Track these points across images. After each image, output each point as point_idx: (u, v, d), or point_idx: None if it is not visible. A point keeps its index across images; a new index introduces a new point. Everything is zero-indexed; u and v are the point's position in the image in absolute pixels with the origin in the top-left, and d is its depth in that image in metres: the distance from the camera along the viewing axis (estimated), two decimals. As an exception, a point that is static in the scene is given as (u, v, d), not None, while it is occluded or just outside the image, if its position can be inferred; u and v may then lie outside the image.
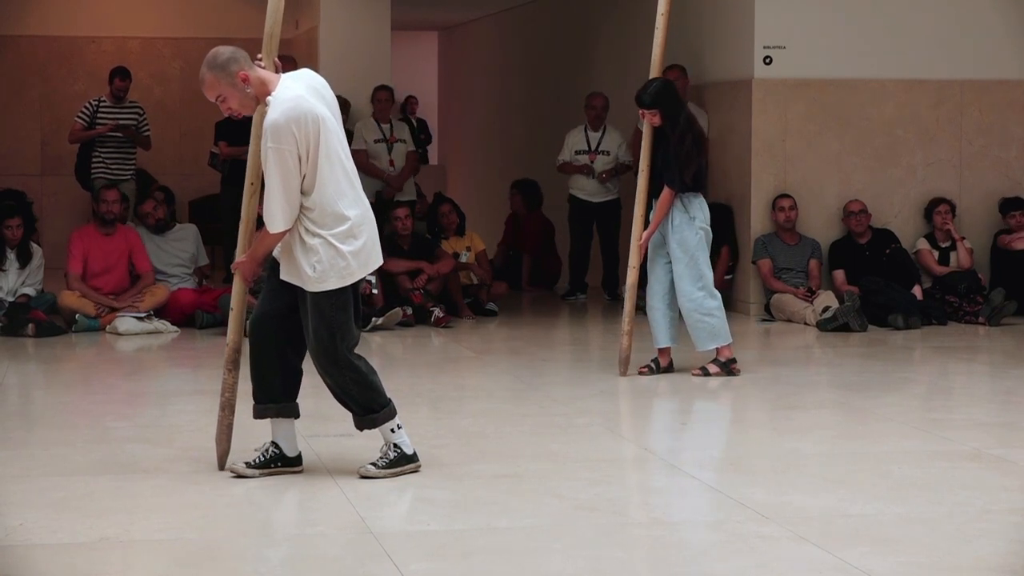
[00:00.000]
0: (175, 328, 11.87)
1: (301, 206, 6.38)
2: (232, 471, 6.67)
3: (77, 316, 11.82)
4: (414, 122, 24.24)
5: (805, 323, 12.11)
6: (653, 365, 9.66)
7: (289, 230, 6.40)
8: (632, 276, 9.60)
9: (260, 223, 6.56)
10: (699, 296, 9.45)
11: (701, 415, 8.51)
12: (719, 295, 9.61)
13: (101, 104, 14.22)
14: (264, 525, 6.09)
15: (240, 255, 6.71)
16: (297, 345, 6.65)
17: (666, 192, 9.38)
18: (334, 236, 6.40)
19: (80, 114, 14.25)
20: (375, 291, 12.15)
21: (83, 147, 14.34)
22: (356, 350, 6.61)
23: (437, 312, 12.19)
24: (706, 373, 9.54)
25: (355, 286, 6.53)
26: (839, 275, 12.59)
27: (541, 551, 5.56)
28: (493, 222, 16.41)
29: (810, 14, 12.82)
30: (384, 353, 11.01)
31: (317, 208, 6.38)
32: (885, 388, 9.44)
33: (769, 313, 12.57)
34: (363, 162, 13.72)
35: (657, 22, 9.47)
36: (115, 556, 5.56)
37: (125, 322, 11.72)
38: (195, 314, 11.97)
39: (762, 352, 11.30)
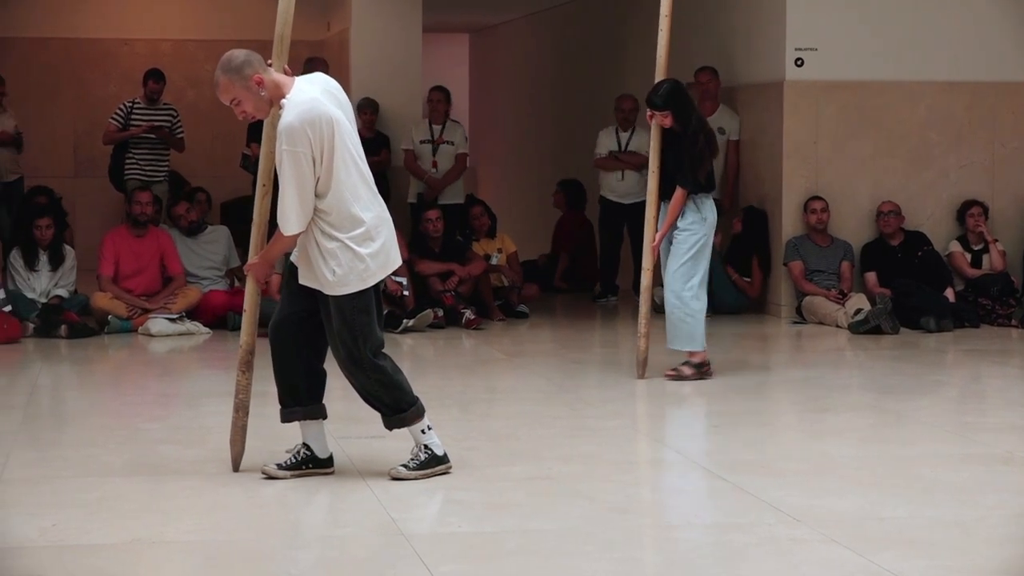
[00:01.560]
0: (207, 330, 11.90)
1: (317, 209, 6.38)
2: (264, 473, 6.69)
3: (109, 317, 11.86)
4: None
5: (837, 325, 12.07)
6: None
7: (303, 233, 6.41)
8: (646, 278, 9.58)
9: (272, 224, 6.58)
10: (686, 296, 9.42)
11: (732, 417, 8.49)
12: (705, 299, 9.55)
13: (135, 106, 14.27)
14: (295, 526, 6.10)
15: (253, 257, 6.74)
16: (317, 347, 6.66)
17: (679, 193, 9.36)
18: (351, 239, 6.41)
19: (114, 116, 14.31)
20: (406, 293, 12.16)
21: (117, 149, 14.39)
22: (385, 351, 6.62)
23: (468, 314, 12.19)
24: (680, 376, 9.49)
25: (376, 287, 6.53)
26: (871, 277, 12.55)
27: (572, 553, 5.56)
28: (524, 224, 16.43)
29: (842, 16, 12.78)
30: (415, 355, 11.02)
31: (333, 211, 6.38)
32: (917, 391, 9.40)
33: (801, 315, 12.54)
34: (409, 162, 13.74)
35: (660, 24, 9.46)
36: (147, 557, 5.58)
37: (157, 324, 11.75)
38: (227, 316, 11.99)
39: (793, 354, 11.28)
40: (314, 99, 6.36)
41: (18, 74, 16.83)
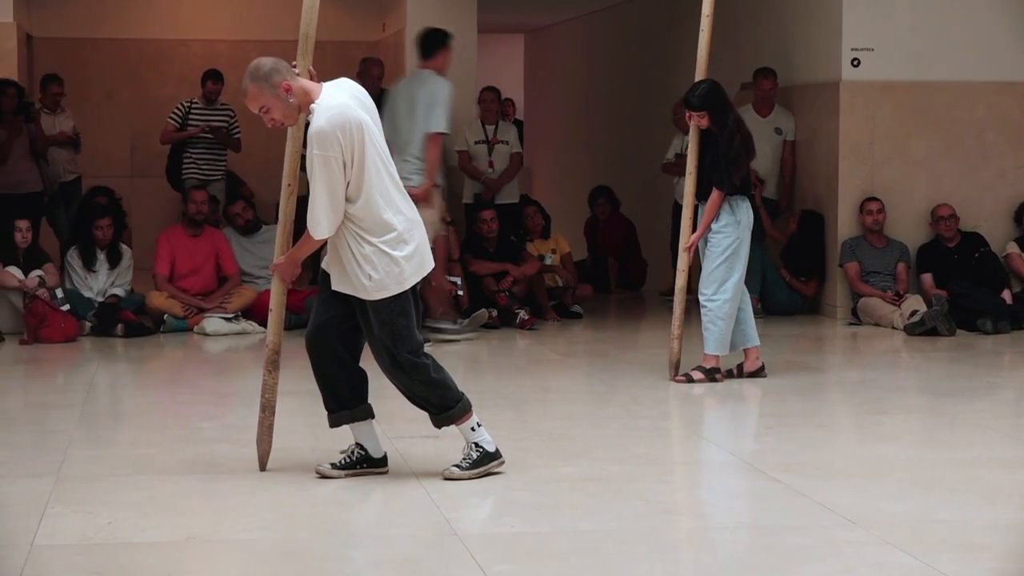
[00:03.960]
0: (262, 329, 11.88)
1: (349, 214, 6.40)
2: (318, 472, 6.71)
3: (165, 317, 11.92)
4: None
5: (892, 327, 12.01)
6: (735, 370, 9.61)
7: (335, 240, 6.44)
8: (681, 280, 9.56)
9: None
10: (720, 300, 9.38)
11: (786, 419, 8.46)
12: (739, 303, 9.48)
13: (193, 106, 14.31)
14: (348, 525, 6.12)
15: (279, 256, 6.78)
16: (352, 348, 6.69)
17: (715, 194, 9.33)
18: (385, 243, 6.43)
19: (172, 115, 14.35)
20: (461, 293, 12.18)
21: (174, 148, 14.44)
22: (428, 351, 6.65)
23: (522, 314, 12.19)
24: (690, 380, 9.45)
25: (413, 290, 6.55)
26: (927, 279, 12.48)
27: (625, 554, 5.55)
28: (579, 225, 16.40)
29: (898, 16, 12.72)
30: (469, 355, 11.02)
31: (365, 216, 6.40)
32: (974, 393, 9.35)
33: (856, 317, 12.48)
34: (464, 163, 13.70)
35: (702, 24, 9.43)
36: (201, 555, 5.61)
37: (213, 323, 11.81)
38: (282, 315, 12.02)
39: (849, 356, 11.23)
40: (344, 104, 6.38)
41: (76, 75, 16.94)
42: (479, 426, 6.70)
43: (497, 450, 6.74)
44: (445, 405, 6.64)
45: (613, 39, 19.12)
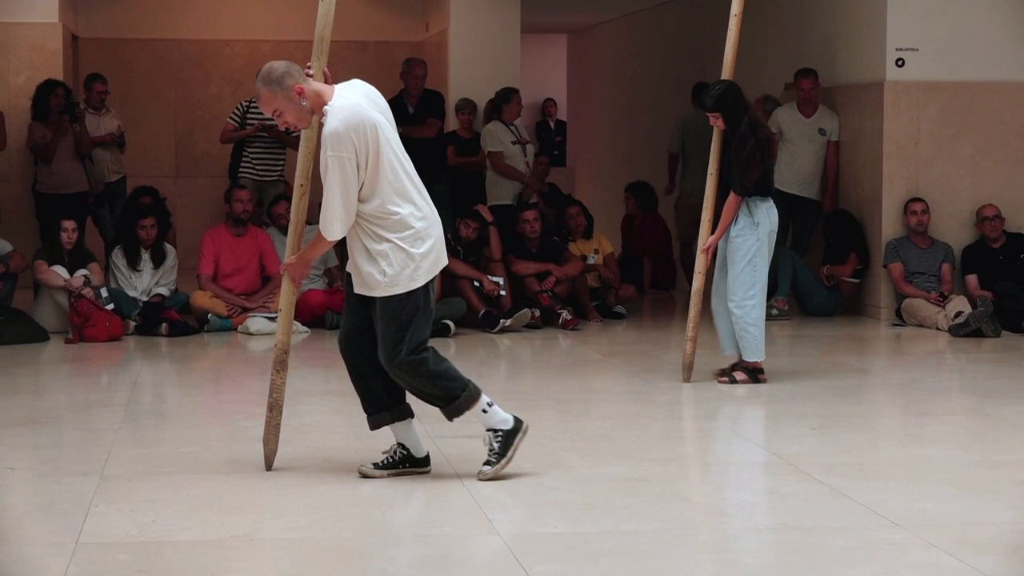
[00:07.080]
0: (306, 328, 11.96)
1: (365, 214, 6.42)
2: (360, 472, 6.72)
3: (209, 316, 11.97)
4: (552, 125, 24.27)
5: (937, 328, 11.96)
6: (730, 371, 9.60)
7: (352, 241, 6.48)
8: (698, 281, 9.52)
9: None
10: (749, 305, 9.35)
11: (830, 420, 8.43)
12: (765, 305, 9.45)
13: (251, 104, 14.23)
14: (391, 525, 6.12)
15: (289, 256, 6.80)
16: None
17: (732, 196, 9.30)
18: (403, 240, 6.44)
19: (233, 114, 14.30)
20: (503, 293, 12.19)
21: (236, 147, 14.42)
22: (434, 346, 6.65)
23: (565, 314, 12.19)
24: (733, 380, 9.43)
25: (426, 288, 6.53)
26: (972, 280, 12.42)
27: (669, 555, 5.54)
28: (619, 223, 16.39)
29: (943, 16, 12.66)
30: (512, 355, 11.03)
31: (381, 215, 6.42)
32: (1019, 395, 9.29)
33: (900, 318, 12.44)
34: (501, 164, 13.66)
35: (730, 23, 9.39)
36: (244, 554, 5.62)
37: (256, 322, 11.84)
38: (325, 315, 12.06)
39: (893, 357, 11.19)
40: (357, 105, 6.40)
41: (121, 75, 17.03)
42: (491, 406, 6.66)
43: (516, 421, 6.68)
44: (451, 396, 6.60)
45: (656, 39, 19.10)
